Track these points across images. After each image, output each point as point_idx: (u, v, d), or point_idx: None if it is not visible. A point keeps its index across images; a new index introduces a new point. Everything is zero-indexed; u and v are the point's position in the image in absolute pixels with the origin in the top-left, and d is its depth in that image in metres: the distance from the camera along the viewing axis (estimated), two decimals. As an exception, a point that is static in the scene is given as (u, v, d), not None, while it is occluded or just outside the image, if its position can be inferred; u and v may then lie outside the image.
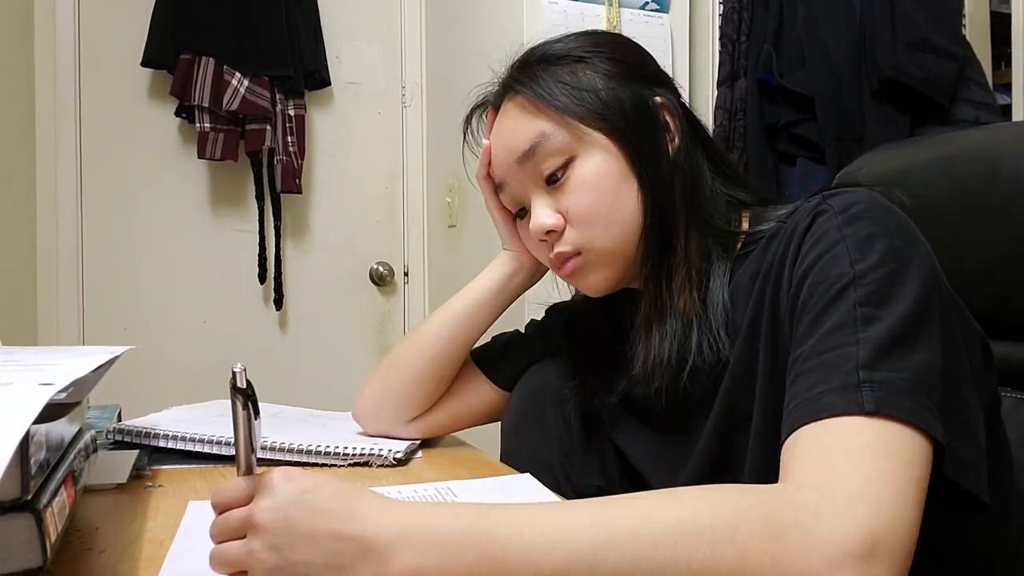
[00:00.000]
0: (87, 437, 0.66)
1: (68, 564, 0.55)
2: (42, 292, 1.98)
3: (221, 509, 0.50)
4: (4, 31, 1.84)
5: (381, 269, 2.30)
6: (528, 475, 0.80)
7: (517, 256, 0.90)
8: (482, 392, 0.95)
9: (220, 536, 0.49)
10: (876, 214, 0.61)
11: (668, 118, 0.75)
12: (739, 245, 0.74)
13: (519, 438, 0.90)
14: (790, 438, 0.52)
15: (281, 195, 2.14)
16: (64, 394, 0.47)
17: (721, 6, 2.02)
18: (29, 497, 0.45)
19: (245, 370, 0.49)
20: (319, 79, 2.17)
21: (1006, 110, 2.12)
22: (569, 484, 0.85)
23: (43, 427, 0.49)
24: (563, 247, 0.75)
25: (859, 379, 0.52)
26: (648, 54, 0.81)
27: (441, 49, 2.35)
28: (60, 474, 0.52)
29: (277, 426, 0.95)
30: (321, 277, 2.26)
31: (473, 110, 0.87)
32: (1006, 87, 2.23)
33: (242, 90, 1.98)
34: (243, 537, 0.48)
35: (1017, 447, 0.70)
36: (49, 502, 0.47)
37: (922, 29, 1.79)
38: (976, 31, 2.45)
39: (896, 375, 0.52)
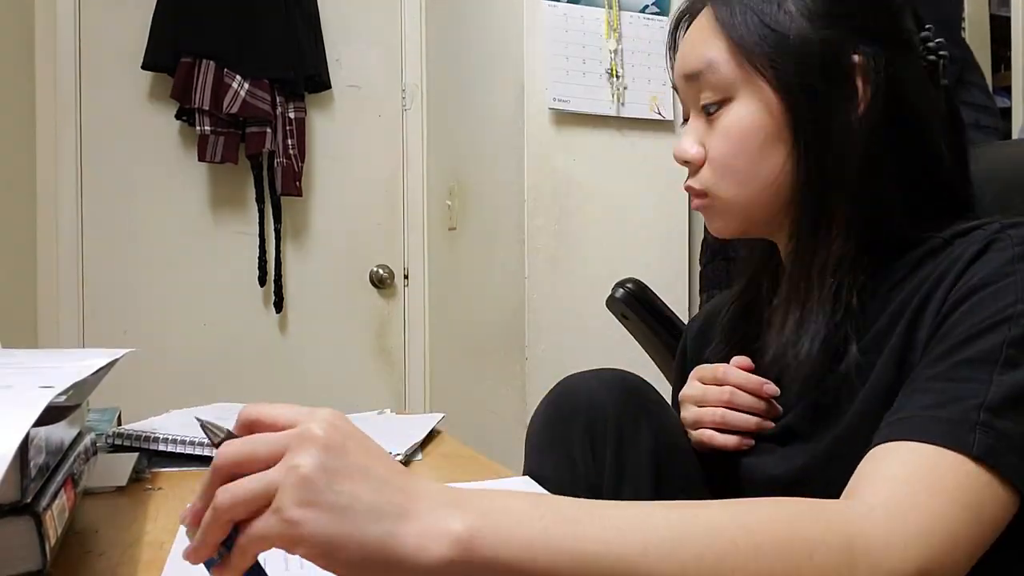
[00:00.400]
0: (87, 440, 0.65)
1: (68, 567, 0.55)
2: (42, 295, 1.98)
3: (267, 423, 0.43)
4: (5, 34, 1.84)
5: (381, 272, 2.30)
6: (527, 478, 0.76)
7: None
8: None
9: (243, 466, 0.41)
10: None
11: (861, 83, 0.65)
12: (908, 256, 0.66)
13: (544, 466, 0.79)
14: (882, 446, 0.50)
15: (281, 198, 2.14)
16: (64, 397, 0.47)
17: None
18: (29, 500, 0.45)
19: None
20: (319, 82, 2.17)
21: (1005, 113, 2.13)
22: None
23: (43, 430, 0.49)
24: (692, 183, 0.71)
25: (978, 419, 0.49)
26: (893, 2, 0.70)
27: (441, 52, 2.35)
28: (60, 477, 0.52)
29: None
30: (321, 280, 2.26)
31: (679, 18, 0.77)
32: (1006, 90, 2.23)
33: (242, 93, 1.98)
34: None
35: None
36: (49, 505, 0.47)
37: (922, 32, 1.79)
38: (976, 34, 2.45)
39: (1016, 429, 0.49)
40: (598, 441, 0.75)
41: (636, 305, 1.14)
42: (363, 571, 0.38)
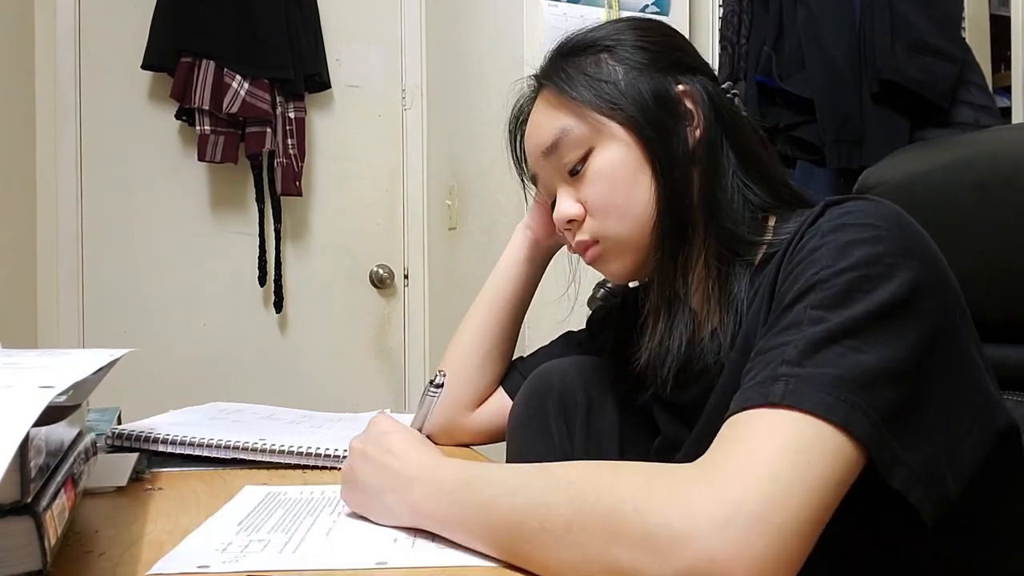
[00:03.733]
0: (87, 440, 0.65)
1: (68, 567, 0.55)
2: (42, 294, 1.98)
3: None
4: (4, 34, 1.84)
5: (381, 272, 2.30)
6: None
7: (526, 224, 0.97)
8: (504, 401, 0.98)
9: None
10: (867, 222, 0.58)
11: (691, 107, 0.75)
12: (762, 251, 0.72)
13: (522, 442, 0.91)
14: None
15: (281, 197, 2.14)
16: (64, 397, 0.47)
17: (721, 9, 2.03)
18: (29, 500, 0.45)
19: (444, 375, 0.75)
20: (319, 82, 2.17)
21: (1005, 112, 2.13)
22: None
23: (43, 430, 0.49)
24: (582, 236, 0.77)
25: (778, 374, 0.51)
26: (680, 39, 0.81)
27: (441, 52, 2.35)
28: (60, 477, 0.52)
29: (272, 429, 0.95)
30: (321, 280, 2.26)
31: (515, 126, 0.88)
32: (1006, 90, 2.23)
33: (242, 93, 1.98)
34: None
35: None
36: (49, 505, 0.47)
37: (922, 31, 1.79)
38: (976, 34, 2.45)
39: (819, 371, 0.50)
40: (570, 412, 0.88)
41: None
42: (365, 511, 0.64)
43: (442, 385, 0.74)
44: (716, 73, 0.81)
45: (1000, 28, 2.43)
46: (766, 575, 0.43)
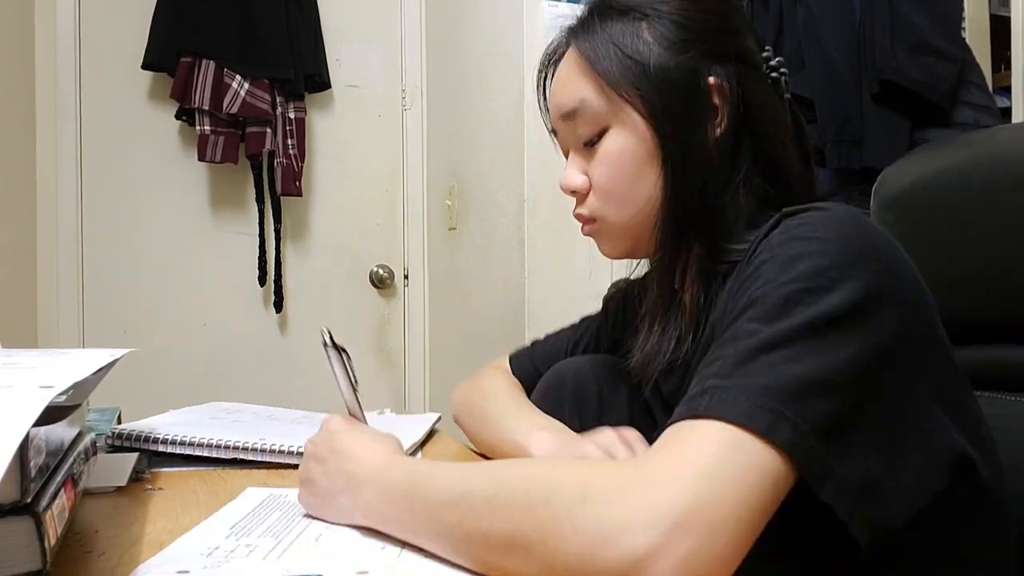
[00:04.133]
0: (87, 440, 0.65)
1: (68, 567, 0.55)
2: (42, 294, 1.98)
3: None
4: (4, 34, 1.84)
5: (381, 272, 2.30)
6: None
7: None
8: None
9: None
10: (820, 235, 0.57)
11: (718, 103, 0.71)
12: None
13: None
14: None
15: (281, 198, 2.14)
16: (64, 397, 0.47)
17: (721, 9, 2.02)
18: (29, 500, 0.45)
19: (330, 331, 0.70)
20: (319, 82, 2.17)
21: (1006, 113, 2.13)
22: None
23: (43, 430, 0.49)
24: (581, 210, 0.78)
25: (706, 386, 0.51)
26: (730, 18, 0.75)
27: (441, 52, 2.35)
28: (60, 477, 0.52)
29: (272, 428, 0.95)
30: (321, 280, 2.26)
31: (545, 67, 0.84)
32: (1006, 90, 2.23)
33: (242, 93, 1.98)
34: None
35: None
36: (49, 505, 0.47)
37: (922, 32, 1.79)
38: (976, 34, 2.45)
39: (747, 382, 0.50)
40: (583, 406, 0.88)
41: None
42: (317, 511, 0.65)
43: (332, 344, 0.72)
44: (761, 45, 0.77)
45: (1000, 28, 2.43)
46: (694, 573, 0.44)
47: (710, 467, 0.46)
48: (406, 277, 2.34)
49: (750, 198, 0.72)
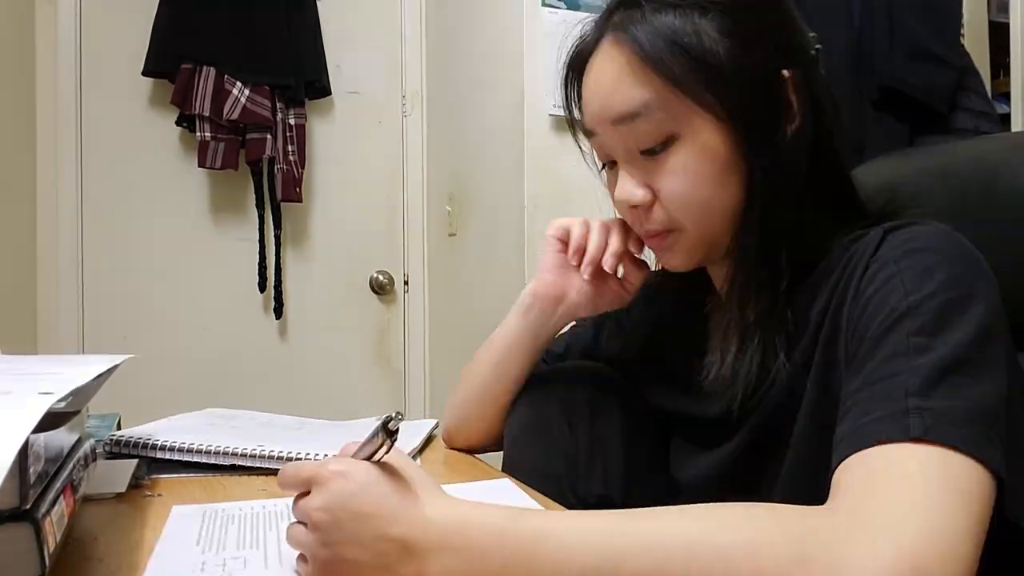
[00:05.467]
0: (86, 446, 0.65)
1: (67, 573, 0.54)
2: (42, 301, 1.98)
3: (288, 488, 0.54)
4: (5, 41, 1.84)
5: (381, 278, 2.30)
6: (507, 480, 0.80)
7: (532, 291, 0.89)
8: None
9: (296, 516, 0.53)
10: (936, 246, 0.58)
11: (793, 97, 0.66)
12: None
13: (523, 449, 0.86)
14: (836, 473, 0.50)
15: (281, 204, 2.14)
16: (63, 403, 0.47)
17: (720, 15, 2.03)
18: (28, 506, 0.45)
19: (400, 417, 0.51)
20: (319, 88, 2.17)
21: (1005, 119, 2.13)
22: (574, 494, 0.82)
23: (42, 436, 0.49)
24: (653, 225, 0.70)
25: (908, 406, 0.49)
26: (788, 7, 0.69)
27: (441, 58, 2.35)
28: (59, 483, 0.52)
29: (271, 435, 0.95)
30: (321, 286, 2.26)
31: (571, 65, 0.74)
32: (1005, 96, 2.24)
33: (243, 99, 1.98)
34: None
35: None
36: (48, 511, 0.47)
37: (921, 38, 1.79)
38: (975, 40, 2.46)
39: (951, 403, 0.49)
40: (572, 415, 0.83)
41: None
42: None
43: (397, 431, 0.52)
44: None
45: (999, 34, 2.44)
46: None
47: (947, 507, 0.44)
48: (406, 283, 2.34)
49: (819, 201, 0.68)
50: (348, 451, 0.55)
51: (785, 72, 0.66)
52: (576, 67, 0.74)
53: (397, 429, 0.50)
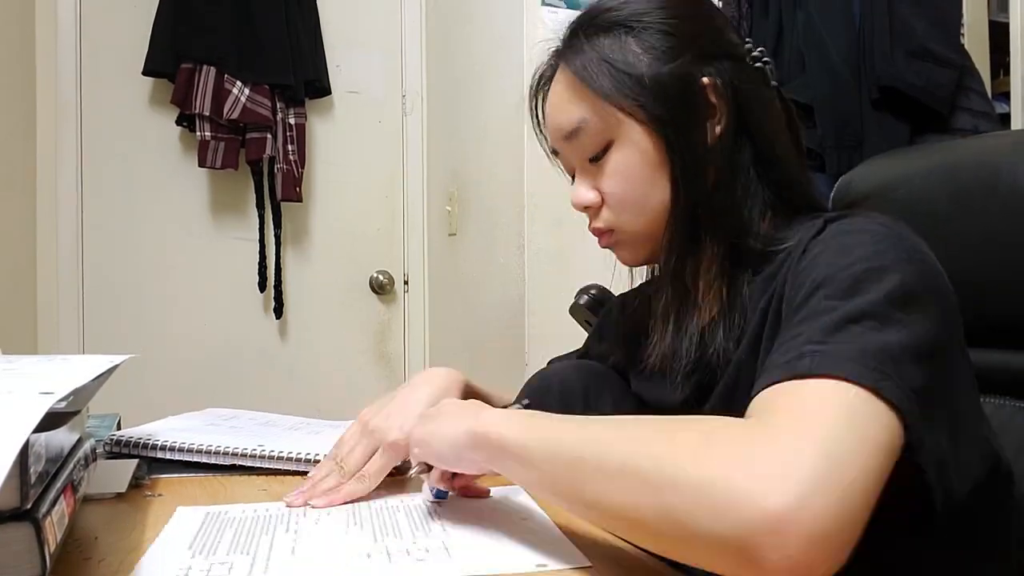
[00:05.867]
0: (87, 446, 0.65)
1: (67, 573, 0.54)
2: (42, 300, 1.98)
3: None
4: (6, 40, 1.84)
5: (381, 277, 2.30)
6: (516, 486, 0.80)
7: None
8: None
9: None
10: (868, 228, 0.61)
11: (715, 100, 0.73)
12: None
13: None
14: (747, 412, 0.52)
15: (281, 203, 2.14)
16: (64, 403, 0.47)
17: (721, 14, 2.03)
18: (29, 506, 0.45)
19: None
20: (319, 88, 2.17)
21: (1005, 119, 2.13)
22: None
23: (43, 436, 0.49)
24: (597, 224, 0.78)
25: (803, 351, 0.51)
26: (710, 14, 0.78)
27: (441, 58, 2.36)
28: (60, 483, 0.52)
29: (271, 435, 0.95)
30: (321, 285, 2.26)
31: (536, 91, 0.84)
32: (1005, 96, 2.24)
33: (243, 99, 1.98)
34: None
35: (1016, 454, 0.70)
36: (49, 511, 0.47)
37: (921, 38, 1.80)
38: (975, 40, 2.46)
39: (844, 345, 0.51)
40: (569, 407, 0.87)
41: (600, 310, 1.16)
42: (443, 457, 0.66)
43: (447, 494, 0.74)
44: (747, 39, 0.78)
45: (999, 34, 2.44)
46: (828, 535, 0.41)
47: (837, 425, 0.45)
48: (406, 283, 2.34)
49: (758, 194, 0.74)
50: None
51: (705, 79, 0.72)
52: (541, 93, 0.83)
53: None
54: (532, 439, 0.57)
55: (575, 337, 2.30)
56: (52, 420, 0.45)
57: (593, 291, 1.17)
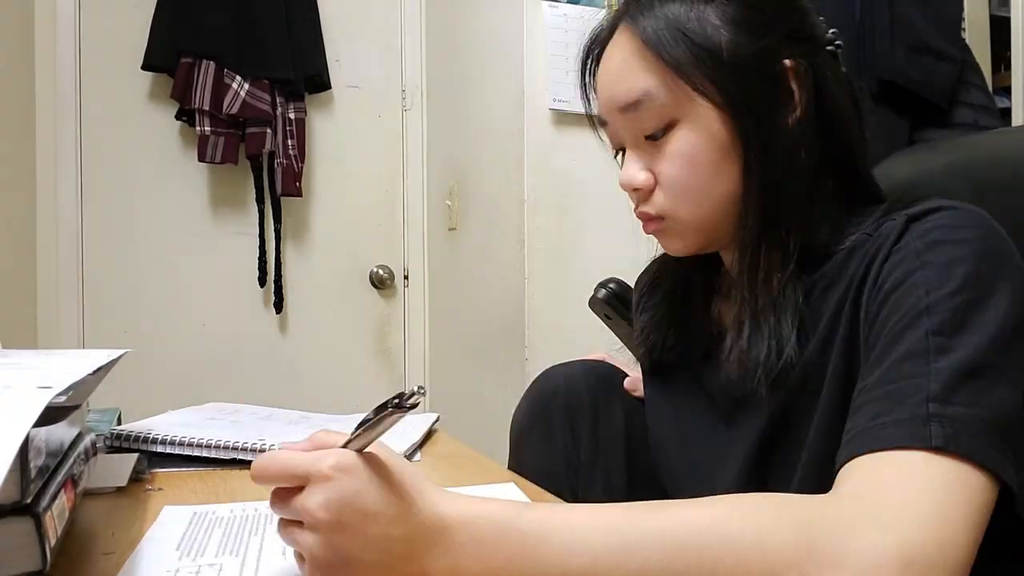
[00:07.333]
0: (87, 440, 0.65)
1: (68, 568, 0.55)
2: (42, 295, 1.98)
3: (268, 482, 0.50)
4: (5, 35, 1.84)
5: (381, 272, 2.30)
6: (512, 484, 0.78)
7: None
8: None
9: (287, 514, 0.49)
10: (961, 237, 0.57)
11: (795, 86, 0.67)
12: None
13: (525, 446, 0.88)
14: (845, 467, 0.50)
15: (281, 198, 2.14)
16: (64, 397, 0.47)
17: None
18: (29, 501, 0.45)
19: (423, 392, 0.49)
20: (319, 82, 2.17)
21: (1005, 113, 2.13)
22: (573, 498, 0.82)
23: (43, 430, 0.49)
24: (647, 208, 0.71)
25: (928, 412, 0.49)
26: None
27: (441, 52, 2.35)
28: (60, 477, 0.52)
29: (271, 429, 0.95)
30: (321, 280, 2.26)
31: (588, 52, 0.76)
32: (1005, 90, 2.23)
33: (242, 93, 1.98)
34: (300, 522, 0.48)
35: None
36: (49, 506, 0.47)
37: (921, 32, 1.79)
38: (976, 34, 2.45)
39: (970, 411, 0.49)
40: (575, 417, 0.84)
41: (619, 305, 1.15)
42: None
43: (417, 405, 0.52)
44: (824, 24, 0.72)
45: (1000, 29, 2.43)
46: None
47: (952, 508, 0.45)
48: (406, 277, 2.34)
49: (827, 186, 0.69)
50: (324, 441, 0.52)
51: (787, 61, 0.67)
52: (593, 56, 0.75)
53: (416, 405, 0.48)
54: None
55: (575, 331, 2.30)
56: (52, 414, 0.46)
57: (612, 285, 1.16)
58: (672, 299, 0.82)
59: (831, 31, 0.72)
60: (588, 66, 0.76)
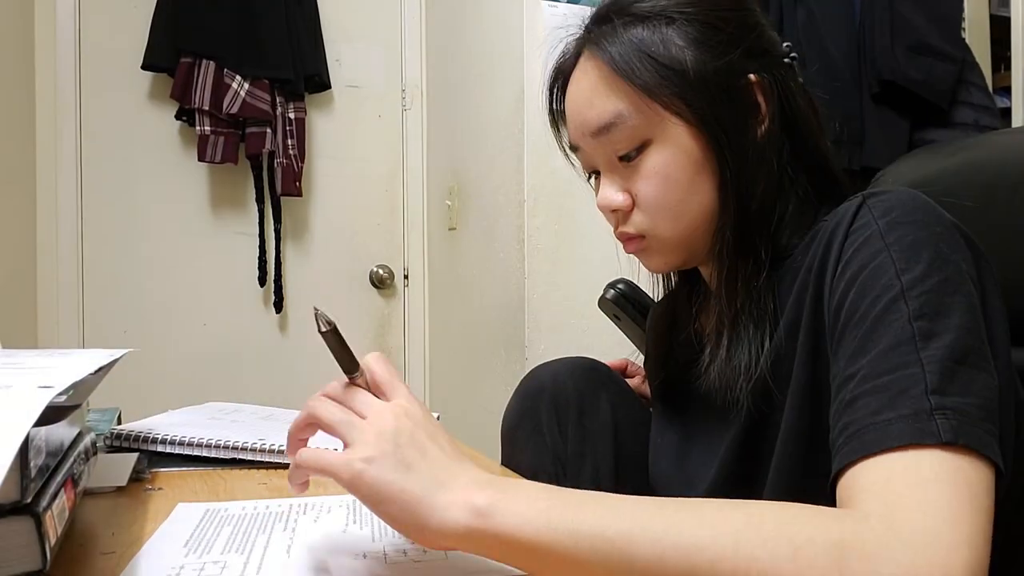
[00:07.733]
0: (87, 440, 0.65)
1: (68, 567, 0.55)
2: (42, 295, 1.98)
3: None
4: (4, 35, 1.84)
5: (381, 272, 2.30)
6: None
7: None
8: None
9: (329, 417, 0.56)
10: (919, 218, 0.58)
11: (761, 99, 0.69)
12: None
13: (515, 443, 0.90)
14: (855, 467, 0.50)
15: (281, 198, 2.14)
16: (64, 397, 0.47)
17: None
18: (29, 500, 0.45)
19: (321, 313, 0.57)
20: (319, 82, 2.17)
21: (1006, 113, 2.13)
22: None
23: (43, 430, 0.49)
24: (627, 228, 0.72)
25: (931, 406, 0.49)
26: (753, 12, 0.73)
27: (441, 52, 2.35)
28: (60, 477, 0.52)
29: (271, 428, 0.95)
30: (321, 280, 2.26)
31: (554, 83, 0.77)
32: (1006, 90, 2.23)
33: (242, 93, 1.98)
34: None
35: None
36: (49, 505, 0.47)
37: (922, 32, 1.79)
38: (976, 34, 2.45)
39: (965, 400, 0.50)
40: (562, 412, 0.85)
41: (628, 306, 1.15)
42: (400, 522, 0.49)
43: (333, 329, 0.59)
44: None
45: (1000, 28, 2.43)
46: None
47: (970, 514, 0.45)
48: (406, 277, 2.34)
49: (794, 192, 0.71)
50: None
51: (752, 76, 0.69)
52: (559, 84, 0.77)
53: (331, 325, 0.58)
54: (580, 543, 0.46)
55: (575, 331, 2.30)
56: (52, 414, 0.45)
57: (620, 285, 1.16)
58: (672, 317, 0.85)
59: (785, 44, 0.74)
60: (555, 94, 0.78)
